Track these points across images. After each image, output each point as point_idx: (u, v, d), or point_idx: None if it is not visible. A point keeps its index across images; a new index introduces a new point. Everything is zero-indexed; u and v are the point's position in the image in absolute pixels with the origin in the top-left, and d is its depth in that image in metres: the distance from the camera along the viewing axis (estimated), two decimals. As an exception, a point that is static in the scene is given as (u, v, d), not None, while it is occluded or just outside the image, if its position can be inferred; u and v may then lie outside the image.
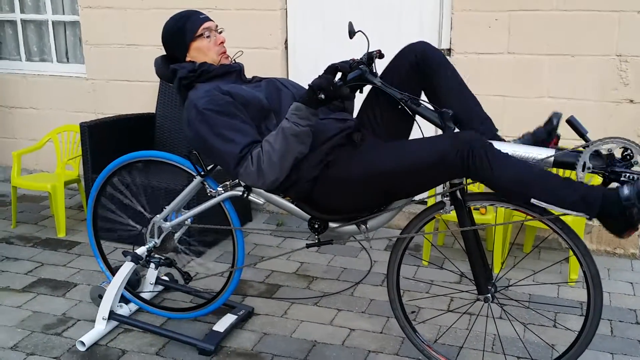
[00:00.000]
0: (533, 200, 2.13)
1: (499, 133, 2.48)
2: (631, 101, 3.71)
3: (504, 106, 3.93)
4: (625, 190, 2.03)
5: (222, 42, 2.64)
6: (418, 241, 4.07)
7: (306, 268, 3.76)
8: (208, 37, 2.60)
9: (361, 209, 2.46)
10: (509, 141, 2.40)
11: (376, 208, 2.48)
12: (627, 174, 2.11)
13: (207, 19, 2.63)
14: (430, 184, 2.30)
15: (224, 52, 2.64)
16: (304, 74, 4.19)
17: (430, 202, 3.52)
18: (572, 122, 2.23)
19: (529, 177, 2.12)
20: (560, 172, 3.53)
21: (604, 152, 2.16)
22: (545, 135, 2.33)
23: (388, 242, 4.11)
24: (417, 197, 2.49)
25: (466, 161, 2.11)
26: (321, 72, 2.29)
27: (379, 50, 2.58)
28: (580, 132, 2.22)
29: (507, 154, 2.16)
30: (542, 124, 2.37)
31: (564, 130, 2.33)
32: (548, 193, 2.11)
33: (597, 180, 2.25)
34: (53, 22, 5.23)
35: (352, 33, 2.52)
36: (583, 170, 2.15)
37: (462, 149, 2.11)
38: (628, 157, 2.14)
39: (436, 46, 4.01)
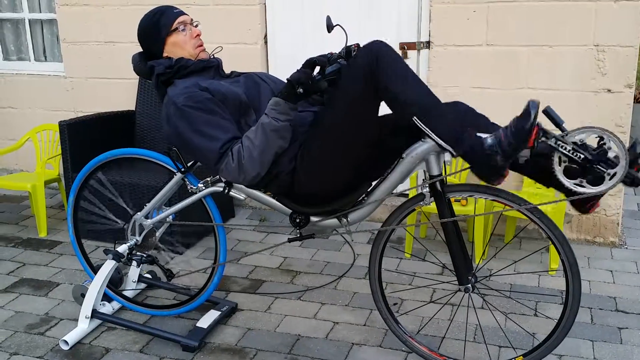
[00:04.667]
0: (414, 119, 2.18)
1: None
2: (609, 91, 3.74)
3: (483, 98, 3.95)
4: (489, 140, 2.14)
5: (198, 35, 2.63)
6: (400, 234, 4.09)
7: (289, 263, 3.76)
8: (183, 30, 2.59)
9: (340, 191, 2.45)
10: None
11: (354, 192, 2.46)
12: (603, 166, 2.13)
13: (182, 13, 2.62)
14: (368, 115, 2.29)
15: (201, 45, 2.63)
16: (284, 69, 4.19)
17: (411, 194, 3.54)
18: (548, 113, 2.24)
19: (418, 97, 2.18)
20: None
21: (579, 141, 2.17)
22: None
23: (371, 235, 4.13)
24: (398, 190, 2.50)
25: (372, 68, 2.16)
26: (300, 66, 2.29)
27: (357, 44, 2.57)
28: (557, 122, 2.23)
29: (410, 71, 2.21)
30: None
31: (541, 120, 2.34)
32: (431, 117, 2.18)
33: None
34: (30, 21, 5.19)
35: (330, 27, 2.51)
36: (560, 163, 2.17)
37: (370, 59, 2.17)
38: (603, 145, 2.16)
39: (415, 39, 4.06)
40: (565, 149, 2.14)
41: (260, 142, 2.29)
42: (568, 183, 2.16)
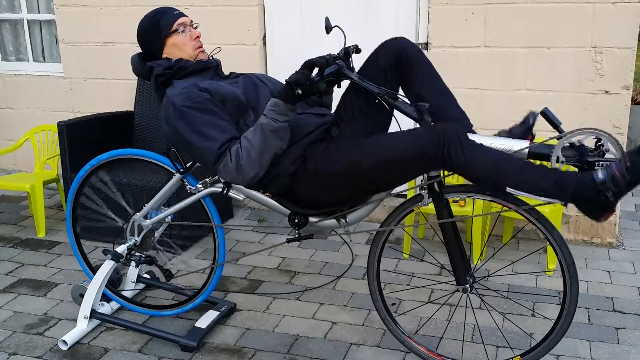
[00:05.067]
0: (508, 189, 2.16)
1: (473, 128, 2.50)
2: (606, 92, 3.76)
3: (482, 99, 3.96)
4: (600, 174, 2.05)
5: (198, 37, 2.64)
6: (399, 234, 4.10)
7: (288, 263, 3.77)
8: (183, 32, 2.60)
9: (341, 202, 2.48)
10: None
11: (356, 202, 2.49)
12: (601, 163, 2.14)
13: (182, 15, 2.63)
14: (407, 176, 2.31)
15: (200, 47, 2.64)
16: (283, 70, 4.20)
17: (410, 194, 3.55)
18: (545, 114, 2.26)
19: (502, 166, 2.14)
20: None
21: (577, 143, 2.19)
22: (520, 134, 2.36)
23: (369, 235, 4.14)
24: (396, 190, 2.51)
25: (441, 152, 2.12)
26: (299, 67, 2.30)
27: (356, 45, 2.59)
28: (554, 124, 2.25)
29: (481, 144, 2.19)
30: (519, 122, 2.39)
31: (538, 122, 2.36)
32: (522, 181, 2.13)
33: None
34: (28, 21, 5.19)
35: (328, 28, 2.52)
36: (557, 161, 2.18)
37: (438, 140, 2.12)
38: (601, 147, 2.17)
39: (413, 40, 4.07)
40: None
41: (259, 143, 2.30)
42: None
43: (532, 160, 2.22)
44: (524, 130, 2.36)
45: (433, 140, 2.13)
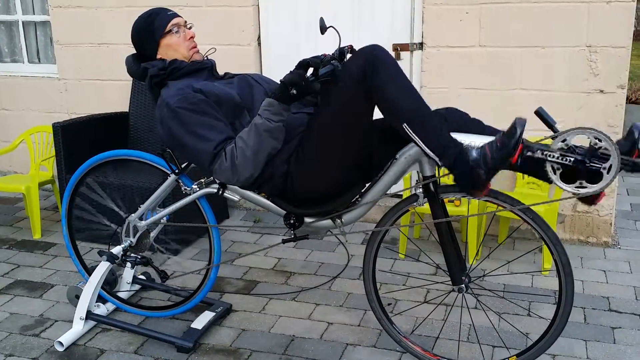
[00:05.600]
0: (404, 125, 2.20)
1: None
2: (601, 91, 3.76)
3: (476, 99, 3.97)
4: (474, 153, 2.15)
5: (192, 37, 2.64)
6: (394, 234, 4.10)
7: (284, 264, 3.77)
8: (177, 32, 2.60)
9: (334, 192, 2.46)
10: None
11: (348, 193, 2.47)
12: (594, 165, 2.14)
13: (176, 15, 2.62)
14: (361, 117, 2.29)
15: (195, 47, 2.64)
16: (278, 70, 4.20)
17: (405, 195, 3.55)
18: (540, 113, 2.26)
19: (410, 105, 2.20)
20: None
21: (565, 146, 2.18)
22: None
23: (365, 236, 4.14)
24: (392, 190, 2.51)
25: (367, 72, 2.18)
26: (294, 67, 2.30)
27: (351, 46, 2.59)
28: (549, 123, 2.25)
29: (404, 77, 2.23)
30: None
31: (533, 121, 2.35)
32: (421, 124, 2.20)
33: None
34: (23, 23, 5.18)
35: (323, 29, 2.52)
36: (554, 172, 2.17)
37: (366, 62, 2.18)
38: (597, 148, 2.17)
39: (408, 40, 4.08)
40: (554, 157, 2.15)
41: (254, 143, 2.30)
42: (568, 188, 2.16)
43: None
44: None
45: (362, 67, 2.19)
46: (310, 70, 2.36)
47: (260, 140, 2.29)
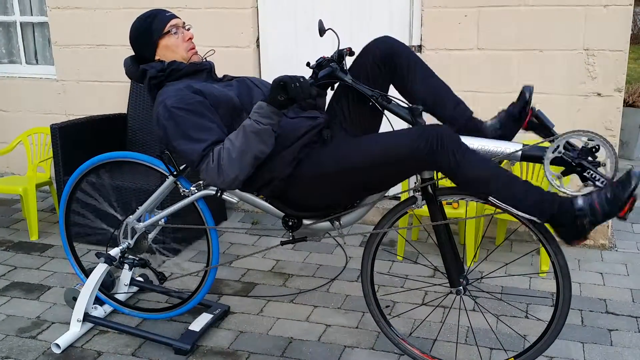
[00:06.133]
0: (491, 198, 2.18)
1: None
2: (599, 94, 3.77)
3: (475, 102, 3.97)
4: (580, 202, 2.08)
5: (191, 39, 2.63)
6: (393, 237, 4.11)
7: (282, 266, 3.77)
8: (175, 33, 2.59)
9: (335, 204, 2.48)
10: (485, 121, 2.44)
11: (350, 203, 2.49)
12: (591, 172, 2.15)
13: (174, 17, 2.62)
14: (400, 177, 2.31)
15: (193, 48, 2.63)
16: (276, 72, 4.18)
17: (404, 197, 3.55)
18: (538, 116, 2.27)
19: (490, 176, 2.15)
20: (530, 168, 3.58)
21: (572, 143, 2.20)
22: (519, 109, 2.37)
23: (363, 238, 4.14)
24: (390, 193, 2.52)
25: (434, 155, 2.13)
26: (293, 70, 2.30)
27: (349, 48, 2.60)
28: (547, 126, 2.26)
29: (473, 150, 2.19)
30: (516, 99, 2.40)
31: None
32: (506, 193, 2.15)
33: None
34: (21, 24, 5.18)
35: (322, 31, 2.53)
36: (551, 159, 2.19)
37: (432, 143, 2.13)
38: (594, 149, 2.18)
39: (407, 43, 4.08)
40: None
41: (240, 144, 2.28)
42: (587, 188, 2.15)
43: (518, 176, 2.24)
44: (521, 106, 2.37)
45: (427, 141, 2.13)
46: (310, 73, 2.37)
47: (247, 141, 2.27)
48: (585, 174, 2.17)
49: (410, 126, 2.43)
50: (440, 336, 2.96)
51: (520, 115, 2.36)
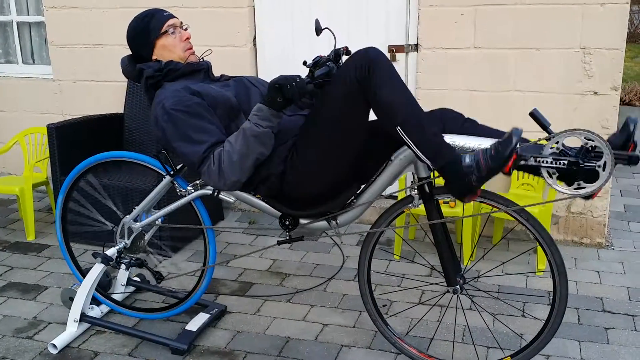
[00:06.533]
0: (397, 128, 2.20)
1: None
2: (595, 93, 3.78)
3: (472, 100, 3.98)
4: (467, 159, 2.15)
5: (188, 38, 2.63)
6: (389, 236, 4.11)
7: (279, 265, 3.77)
8: (173, 33, 2.59)
9: (330, 193, 2.46)
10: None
11: (345, 192, 2.47)
12: (588, 166, 2.14)
13: (171, 16, 2.62)
14: (359, 116, 2.30)
15: (190, 48, 2.63)
16: (273, 71, 4.20)
17: (400, 196, 3.56)
18: (534, 115, 2.26)
19: (404, 106, 2.20)
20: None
21: (557, 149, 2.19)
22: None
23: (360, 237, 4.14)
24: (387, 192, 2.51)
25: (364, 73, 2.17)
26: (290, 69, 2.29)
27: (346, 47, 2.60)
28: (543, 125, 2.25)
29: (400, 79, 2.23)
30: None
31: (528, 123, 2.36)
32: (413, 128, 2.19)
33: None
34: (18, 23, 5.17)
35: (319, 30, 2.53)
36: (550, 176, 2.18)
37: (362, 69, 2.18)
38: (590, 148, 2.18)
39: (403, 42, 4.08)
40: (547, 162, 2.15)
41: (241, 147, 2.29)
42: (567, 191, 2.16)
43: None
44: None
45: (356, 68, 2.18)
46: (307, 72, 2.36)
47: (247, 144, 2.28)
48: (584, 164, 2.16)
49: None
50: (437, 335, 2.96)
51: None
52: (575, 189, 2.15)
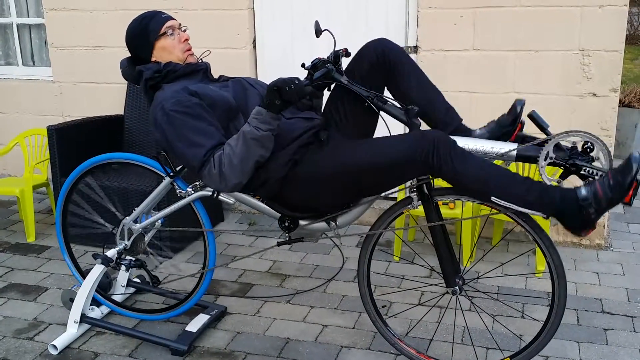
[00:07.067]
0: (493, 198, 2.17)
1: (463, 122, 2.52)
2: (594, 95, 3.78)
3: (471, 102, 3.99)
4: (583, 191, 2.08)
5: (187, 40, 2.64)
6: (389, 237, 4.11)
7: (279, 266, 3.77)
8: (172, 35, 2.60)
9: (330, 206, 2.48)
10: (474, 130, 2.45)
11: (345, 204, 2.50)
12: (587, 169, 2.16)
13: (170, 18, 2.63)
14: (396, 181, 2.32)
15: (189, 50, 2.64)
16: (273, 73, 4.21)
17: (399, 197, 3.56)
18: (533, 117, 2.28)
19: (489, 176, 2.16)
20: (525, 169, 3.60)
21: (565, 144, 2.21)
22: (509, 122, 2.39)
23: (359, 238, 4.15)
24: (386, 193, 2.52)
25: (431, 160, 2.13)
26: (290, 71, 2.30)
27: (346, 49, 2.60)
28: (542, 126, 2.27)
29: (469, 152, 2.20)
30: (507, 111, 2.42)
31: (527, 125, 2.38)
32: (507, 192, 2.15)
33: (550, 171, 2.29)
34: (18, 25, 5.18)
35: (318, 32, 2.54)
36: (545, 160, 2.20)
37: (427, 148, 2.13)
38: (588, 150, 2.19)
39: (403, 44, 4.09)
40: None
41: (240, 151, 2.30)
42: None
43: (519, 173, 2.24)
44: (512, 118, 2.38)
45: (423, 147, 2.14)
46: (305, 74, 2.37)
47: (247, 148, 2.29)
48: (582, 172, 2.17)
49: (406, 126, 2.44)
50: (437, 336, 2.97)
51: (511, 127, 2.37)
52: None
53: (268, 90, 2.23)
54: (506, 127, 2.39)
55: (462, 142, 2.29)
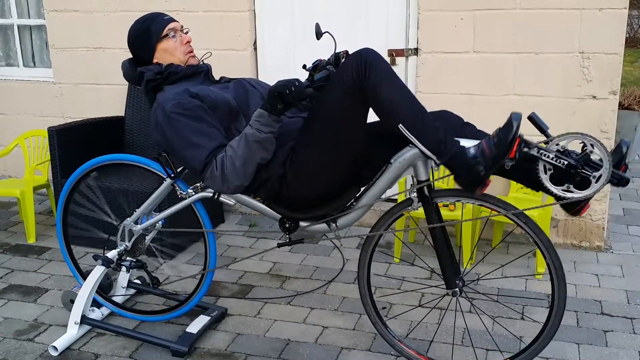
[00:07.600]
0: (400, 126, 2.22)
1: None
2: (594, 97, 3.79)
3: (471, 104, 3.99)
4: (472, 150, 2.18)
5: (188, 42, 2.65)
6: (389, 239, 4.12)
7: (279, 268, 3.78)
8: (173, 37, 2.61)
9: (329, 195, 2.46)
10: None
11: (345, 194, 2.48)
12: (587, 170, 2.16)
13: (172, 20, 2.64)
14: (359, 107, 2.30)
15: (191, 52, 2.65)
16: (274, 75, 4.21)
17: (400, 199, 3.57)
18: (533, 119, 2.28)
19: (403, 102, 2.22)
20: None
21: (561, 148, 2.21)
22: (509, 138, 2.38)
23: (360, 240, 4.15)
24: (386, 194, 2.53)
25: (361, 74, 2.20)
26: (290, 72, 2.31)
27: (346, 51, 2.61)
28: (542, 128, 2.27)
29: (397, 76, 2.25)
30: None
31: (526, 126, 2.38)
32: (414, 125, 2.22)
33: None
34: (19, 26, 5.18)
35: (319, 34, 2.54)
36: (545, 171, 2.20)
37: (359, 70, 2.20)
38: (588, 152, 2.20)
39: (403, 46, 4.10)
40: (549, 157, 2.17)
41: (243, 153, 2.31)
42: (556, 190, 2.19)
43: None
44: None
45: (353, 70, 2.20)
46: (306, 76, 2.38)
47: (249, 150, 2.30)
48: (581, 171, 2.18)
49: None
50: (437, 337, 2.97)
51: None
52: (562, 190, 2.18)
53: (269, 94, 2.24)
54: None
55: (461, 142, 2.29)
